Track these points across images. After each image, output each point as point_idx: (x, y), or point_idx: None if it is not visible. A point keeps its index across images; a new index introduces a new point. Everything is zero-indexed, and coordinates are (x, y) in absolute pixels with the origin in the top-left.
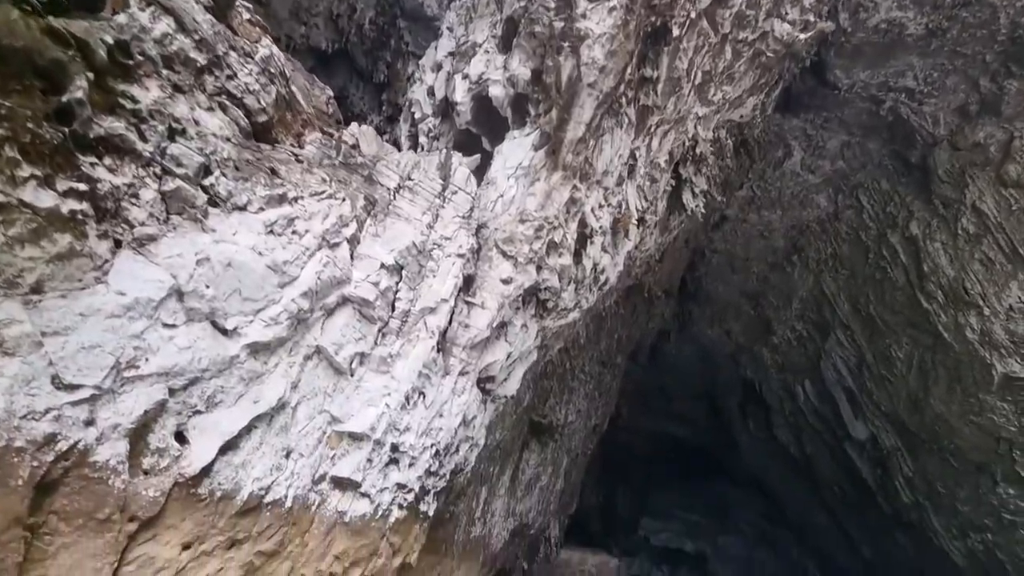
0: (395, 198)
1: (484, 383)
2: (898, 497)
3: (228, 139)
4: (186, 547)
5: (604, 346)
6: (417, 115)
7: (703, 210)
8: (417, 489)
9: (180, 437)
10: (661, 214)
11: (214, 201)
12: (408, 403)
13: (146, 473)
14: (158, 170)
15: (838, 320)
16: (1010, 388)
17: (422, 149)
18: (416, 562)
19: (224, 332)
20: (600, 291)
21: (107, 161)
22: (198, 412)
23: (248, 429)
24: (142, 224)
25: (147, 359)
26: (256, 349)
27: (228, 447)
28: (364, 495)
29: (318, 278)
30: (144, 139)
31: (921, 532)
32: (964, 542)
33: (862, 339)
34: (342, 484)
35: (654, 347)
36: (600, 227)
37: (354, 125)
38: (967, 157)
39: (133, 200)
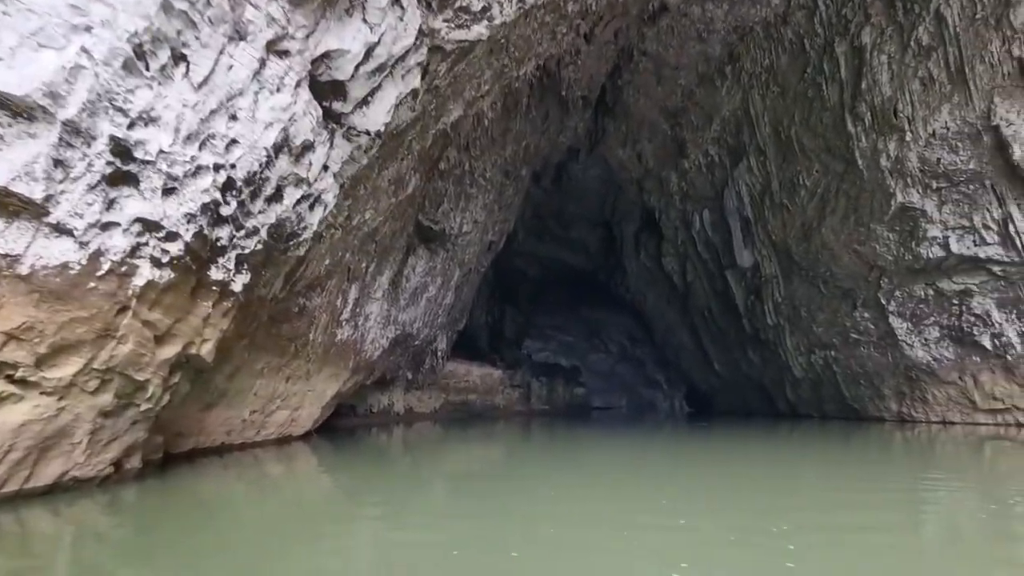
0: None
1: (329, 97)
2: (763, 319)
3: None
4: None
5: (510, 152)
6: None
7: None
8: (191, 238)
9: None
10: None
11: None
12: (143, 63)
13: None
14: None
15: (755, 144)
16: (901, 218)
17: None
18: (213, 355)
19: None
20: (522, 2)
21: None
22: None
23: None
24: None
25: None
26: None
27: None
28: (61, 230)
29: None
30: None
31: (772, 350)
32: (808, 357)
33: (773, 165)
34: (2, 204)
35: (560, 167)
36: None
37: None
38: None
39: None
